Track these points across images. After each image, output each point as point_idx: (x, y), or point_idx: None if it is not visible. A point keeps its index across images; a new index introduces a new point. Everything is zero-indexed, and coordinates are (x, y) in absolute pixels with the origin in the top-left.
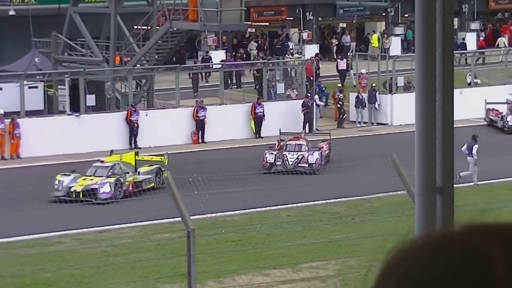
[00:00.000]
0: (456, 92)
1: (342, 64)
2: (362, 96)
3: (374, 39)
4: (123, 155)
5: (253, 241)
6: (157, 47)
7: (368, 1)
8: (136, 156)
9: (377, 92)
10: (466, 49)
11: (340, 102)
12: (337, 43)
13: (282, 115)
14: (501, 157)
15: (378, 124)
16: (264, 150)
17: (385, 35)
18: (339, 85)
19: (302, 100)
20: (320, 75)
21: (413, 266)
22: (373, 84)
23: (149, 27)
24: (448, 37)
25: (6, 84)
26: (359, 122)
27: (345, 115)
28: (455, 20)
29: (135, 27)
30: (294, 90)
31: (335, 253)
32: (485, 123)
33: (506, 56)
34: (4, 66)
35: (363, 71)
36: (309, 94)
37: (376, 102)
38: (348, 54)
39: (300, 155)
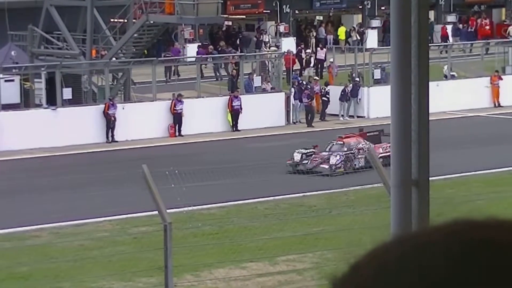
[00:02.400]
0: (432, 84)
1: (321, 54)
2: (347, 90)
3: (341, 32)
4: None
5: (230, 234)
6: (134, 40)
7: None
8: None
9: (360, 87)
10: (476, 38)
11: (328, 95)
12: (315, 35)
13: (259, 108)
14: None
15: (358, 117)
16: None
17: (353, 29)
18: (316, 78)
19: (288, 95)
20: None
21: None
22: (357, 79)
23: (125, 20)
24: (424, 29)
25: None
26: (342, 116)
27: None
28: (431, 13)
29: (112, 20)
30: (269, 83)
31: (312, 246)
32: None
33: (483, 49)
34: None
35: (331, 60)
36: (309, 86)
37: (358, 96)
38: (329, 46)
39: None
